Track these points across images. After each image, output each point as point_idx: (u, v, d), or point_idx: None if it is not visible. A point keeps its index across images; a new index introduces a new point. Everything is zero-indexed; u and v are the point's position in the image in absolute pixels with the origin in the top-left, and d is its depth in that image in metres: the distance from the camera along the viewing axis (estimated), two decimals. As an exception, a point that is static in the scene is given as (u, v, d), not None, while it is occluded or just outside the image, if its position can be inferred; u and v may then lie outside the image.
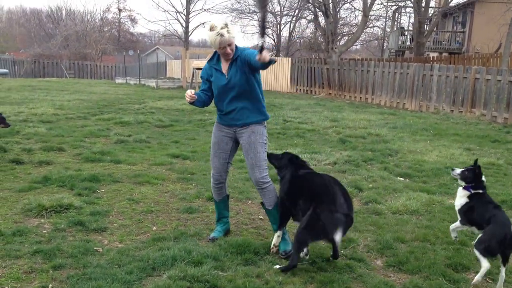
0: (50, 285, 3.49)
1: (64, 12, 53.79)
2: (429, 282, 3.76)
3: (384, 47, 43.52)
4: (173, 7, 79.27)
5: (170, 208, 5.35)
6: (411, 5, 27.16)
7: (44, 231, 4.50)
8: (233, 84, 4.20)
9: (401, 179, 6.99)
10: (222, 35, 3.99)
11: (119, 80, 28.63)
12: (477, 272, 3.98)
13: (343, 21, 35.57)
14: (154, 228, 4.77)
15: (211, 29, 4.02)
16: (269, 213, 4.43)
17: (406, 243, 4.55)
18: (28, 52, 45.86)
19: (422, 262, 4.09)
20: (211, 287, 3.58)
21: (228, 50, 4.08)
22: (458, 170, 4.35)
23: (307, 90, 22.06)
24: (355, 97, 19.34)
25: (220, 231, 4.60)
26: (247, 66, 4.14)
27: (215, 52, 4.25)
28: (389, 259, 4.20)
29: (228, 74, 4.21)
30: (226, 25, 4.03)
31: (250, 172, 4.34)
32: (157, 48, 60.39)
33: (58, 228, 4.57)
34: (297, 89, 22.70)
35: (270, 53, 4.11)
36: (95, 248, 4.18)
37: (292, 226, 4.59)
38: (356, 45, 44.16)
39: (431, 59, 25.46)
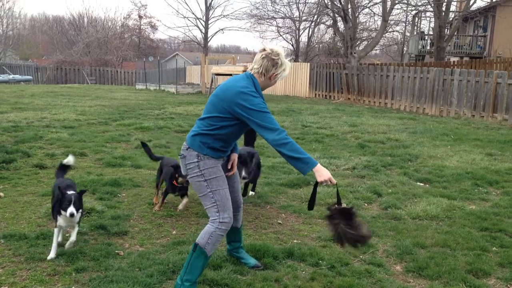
0: (73, 287, 3.57)
1: (85, 19, 54.70)
2: (449, 287, 3.74)
3: (404, 52, 43.18)
4: (193, 13, 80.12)
5: (189, 212, 5.40)
6: (431, 9, 26.90)
7: (66, 235, 4.59)
8: None
9: (421, 184, 6.94)
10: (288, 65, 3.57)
11: (139, 86, 28.96)
12: (498, 278, 3.95)
13: (362, 26, 35.44)
14: (174, 232, 4.83)
15: (286, 56, 3.57)
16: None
17: (426, 249, 4.52)
18: (50, 59, 46.72)
19: (442, 268, 4.06)
20: (230, 291, 3.61)
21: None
22: None
23: (326, 95, 22.02)
24: (374, 102, 19.24)
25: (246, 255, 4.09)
26: None
27: (251, 78, 3.50)
28: (409, 265, 4.17)
29: None
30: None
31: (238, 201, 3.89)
32: (177, 54, 60.97)
33: (80, 232, 4.65)
34: (316, 94, 22.67)
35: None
36: (116, 251, 4.25)
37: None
38: (376, 50, 43.90)
39: (452, 63, 25.18)
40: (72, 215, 3.94)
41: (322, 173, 3.29)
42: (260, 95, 3.43)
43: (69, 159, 4.82)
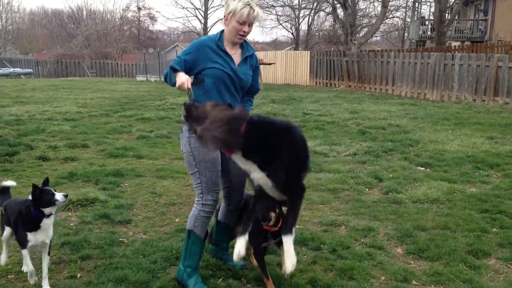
0: (79, 275, 3.63)
1: (84, 12, 54.55)
2: (449, 268, 3.78)
3: (405, 38, 43.02)
4: (192, 3, 79.80)
5: (192, 200, 5.42)
6: (431, -6, 26.75)
7: (71, 224, 4.65)
8: (242, 73, 3.43)
9: (422, 168, 6.97)
10: (252, 7, 3.25)
11: (140, 78, 28.94)
12: (498, 259, 4.00)
13: (362, 13, 35.32)
14: (177, 219, 4.89)
15: None
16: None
17: (427, 231, 4.57)
18: (50, 53, 46.70)
19: (442, 249, 4.10)
20: (233, 275, 3.67)
21: (247, 29, 3.31)
22: None
23: (326, 83, 22.00)
24: (375, 88, 19.22)
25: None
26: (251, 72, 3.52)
27: (216, 33, 3.41)
28: (409, 247, 4.22)
29: (239, 64, 3.43)
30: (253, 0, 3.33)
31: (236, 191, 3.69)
32: (177, 45, 60.80)
33: (85, 221, 4.72)
34: (316, 82, 22.65)
35: None
36: (120, 239, 4.30)
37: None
38: (376, 36, 43.76)
39: (453, 48, 25.09)
40: (66, 196, 3.28)
41: (179, 77, 3.20)
42: (217, 47, 3.33)
43: (10, 183, 3.95)
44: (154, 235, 4.45)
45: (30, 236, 3.28)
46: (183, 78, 3.17)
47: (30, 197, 3.29)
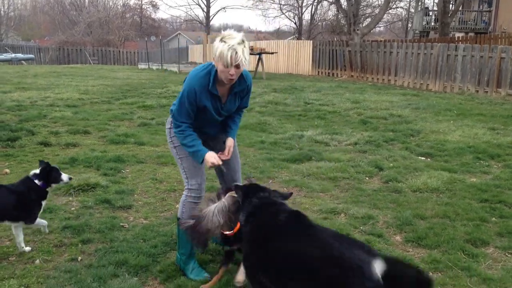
0: (79, 258, 3.66)
1: (86, -1, 54.23)
2: (448, 256, 3.80)
3: (408, 28, 42.81)
4: (194, -9, 79.15)
5: (192, 187, 5.46)
6: (436, -16, 26.58)
7: (72, 208, 4.68)
8: (225, 110, 3.47)
9: (423, 158, 6.98)
10: (236, 50, 3.10)
11: (141, 66, 28.90)
12: (496, 247, 4.01)
13: (365, 3, 35.12)
14: (177, 205, 4.86)
15: (223, 40, 3.14)
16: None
17: (426, 220, 4.58)
18: (52, 39, 46.51)
19: (441, 238, 4.12)
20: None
21: (233, 72, 3.17)
22: None
23: (329, 73, 21.93)
24: (377, 79, 19.16)
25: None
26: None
27: (209, 71, 3.29)
28: (408, 235, 4.24)
29: (226, 101, 3.43)
30: (243, 41, 3.16)
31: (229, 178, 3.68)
32: (179, 33, 60.57)
33: (86, 206, 4.75)
34: (318, 72, 22.58)
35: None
36: (121, 224, 4.34)
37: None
38: (379, 26, 43.60)
39: (456, 39, 24.96)
40: (71, 178, 3.95)
41: (207, 160, 3.33)
42: (211, 89, 3.29)
43: None
44: (155, 220, 4.47)
45: (38, 208, 3.71)
46: (212, 159, 3.32)
47: (33, 173, 3.72)
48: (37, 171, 3.75)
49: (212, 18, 49.16)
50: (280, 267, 2.45)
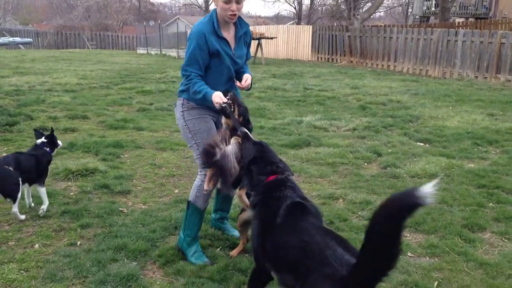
0: (78, 242, 3.68)
1: (84, -18, 53.70)
2: (445, 241, 3.83)
3: (408, 13, 42.51)
4: (193, -25, 78.40)
5: (191, 172, 5.48)
6: (437, -32, 26.33)
7: (71, 193, 4.69)
8: (238, 57, 3.44)
9: (421, 144, 6.98)
10: None
11: (140, 51, 28.76)
12: (493, 232, 4.04)
13: (366, -13, 34.74)
14: (176, 191, 4.92)
15: None
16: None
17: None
18: (50, 24, 46.22)
19: (438, 223, 4.15)
20: (230, 244, 3.73)
21: (235, 7, 3.19)
22: None
23: (328, 58, 21.83)
24: (377, 64, 19.09)
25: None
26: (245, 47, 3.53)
27: (211, 15, 3.32)
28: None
29: (235, 47, 3.42)
30: None
31: None
32: (178, 18, 60.08)
33: (85, 191, 4.76)
34: (318, 58, 22.48)
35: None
36: (120, 209, 4.35)
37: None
38: (379, 11, 43.28)
39: (457, 24, 24.80)
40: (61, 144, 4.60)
41: (213, 100, 3.20)
42: (217, 31, 3.27)
43: None
44: (153, 205, 4.49)
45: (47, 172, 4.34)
46: (216, 99, 3.18)
47: (40, 142, 4.33)
48: (43, 139, 4.33)
49: (211, 3, 48.71)
50: (276, 257, 2.47)
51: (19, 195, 3.92)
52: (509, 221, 4.25)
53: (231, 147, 3.04)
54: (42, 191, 4.15)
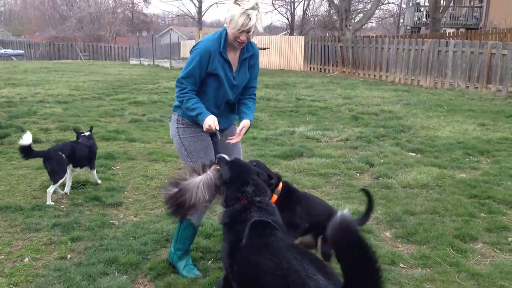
0: (69, 256, 3.64)
1: (77, -7, 53.77)
2: (437, 252, 3.83)
3: (400, 24, 42.89)
4: (186, -14, 78.81)
5: (183, 183, 5.45)
6: (427, -20, 26.62)
7: (62, 206, 4.66)
8: (238, 81, 3.39)
9: (413, 154, 7.01)
10: (249, 16, 3.07)
11: (133, 61, 28.77)
12: (485, 243, 4.05)
13: (357, -2, 35.08)
14: (168, 202, 4.89)
15: (237, 1, 3.10)
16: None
17: (415, 216, 4.61)
18: (43, 35, 46.21)
19: (430, 233, 4.15)
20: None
21: (244, 38, 3.17)
22: None
23: (320, 69, 21.95)
24: (369, 74, 19.21)
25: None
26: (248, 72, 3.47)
27: (221, 34, 3.27)
28: (398, 231, 4.26)
29: (237, 70, 3.37)
30: (257, 5, 3.12)
31: None
32: (171, 29, 60.34)
33: (76, 203, 4.72)
34: (310, 68, 22.59)
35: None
36: (111, 221, 4.32)
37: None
38: (371, 22, 43.67)
39: (447, 35, 25.04)
40: None
41: (205, 122, 3.18)
42: (223, 53, 3.24)
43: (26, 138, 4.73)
44: (145, 218, 4.46)
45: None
46: (209, 122, 3.15)
47: (83, 135, 5.35)
48: (86, 133, 5.38)
49: (204, 14, 49.01)
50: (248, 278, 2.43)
51: (61, 181, 4.72)
52: (500, 231, 4.27)
53: (202, 177, 2.91)
54: (93, 173, 5.22)
